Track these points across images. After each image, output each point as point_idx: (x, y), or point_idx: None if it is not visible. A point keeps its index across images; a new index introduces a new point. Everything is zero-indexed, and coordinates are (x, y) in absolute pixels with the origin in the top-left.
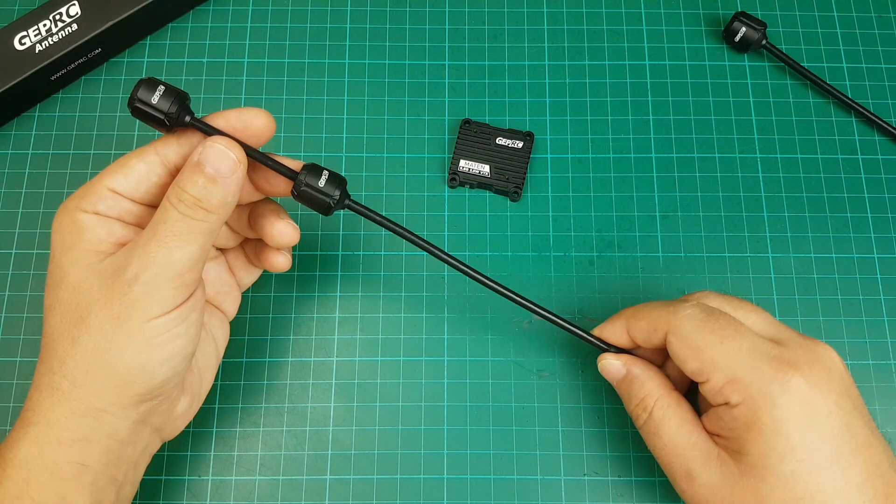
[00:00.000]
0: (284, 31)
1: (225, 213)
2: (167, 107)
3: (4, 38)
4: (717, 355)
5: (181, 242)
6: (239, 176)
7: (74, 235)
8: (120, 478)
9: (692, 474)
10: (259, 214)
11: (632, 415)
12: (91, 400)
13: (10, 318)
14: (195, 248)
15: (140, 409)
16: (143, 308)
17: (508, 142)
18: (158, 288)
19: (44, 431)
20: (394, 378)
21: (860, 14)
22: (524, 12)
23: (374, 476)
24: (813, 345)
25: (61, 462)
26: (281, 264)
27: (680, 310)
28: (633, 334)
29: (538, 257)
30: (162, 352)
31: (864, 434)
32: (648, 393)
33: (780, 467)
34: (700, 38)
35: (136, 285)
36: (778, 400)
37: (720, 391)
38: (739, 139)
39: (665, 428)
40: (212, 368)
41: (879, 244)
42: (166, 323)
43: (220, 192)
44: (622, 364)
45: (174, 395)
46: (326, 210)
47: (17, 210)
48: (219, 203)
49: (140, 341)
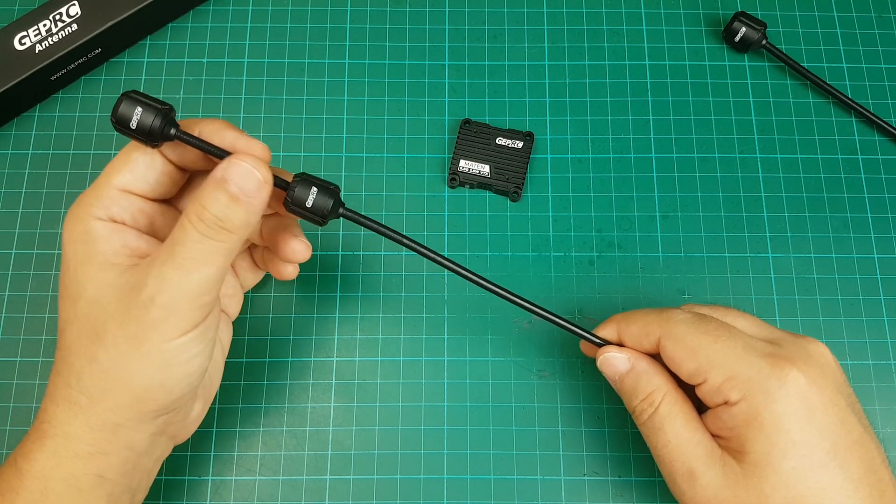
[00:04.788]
0: (284, 31)
1: (246, 234)
2: (149, 123)
3: (4, 38)
4: (713, 354)
5: (199, 265)
6: (264, 196)
7: (89, 247)
8: (134, 486)
9: (694, 474)
10: (274, 229)
11: (635, 411)
12: (108, 415)
13: (10, 318)
14: (213, 270)
15: (157, 422)
16: (160, 331)
17: (508, 142)
18: (176, 310)
19: (62, 444)
20: (394, 378)
21: (860, 14)
22: (524, 12)
23: (374, 476)
24: (804, 342)
25: (79, 474)
26: (289, 273)
27: (672, 315)
28: (625, 339)
29: (538, 257)
30: (179, 371)
31: (858, 430)
32: (657, 388)
33: (783, 464)
34: (700, 38)
35: (153, 308)
36: (777, 394)
37: (718, 390)
38: (739, 139)
39: (670, 424)
40: (220, 370)
41: (879, 244)
42: (184, 344)
43: (244, 213)
44: (628, 358)
45: (189, 405)
46: (319, 222)
47: (17, 210)
48: (241, 224)
49: (157, 362)
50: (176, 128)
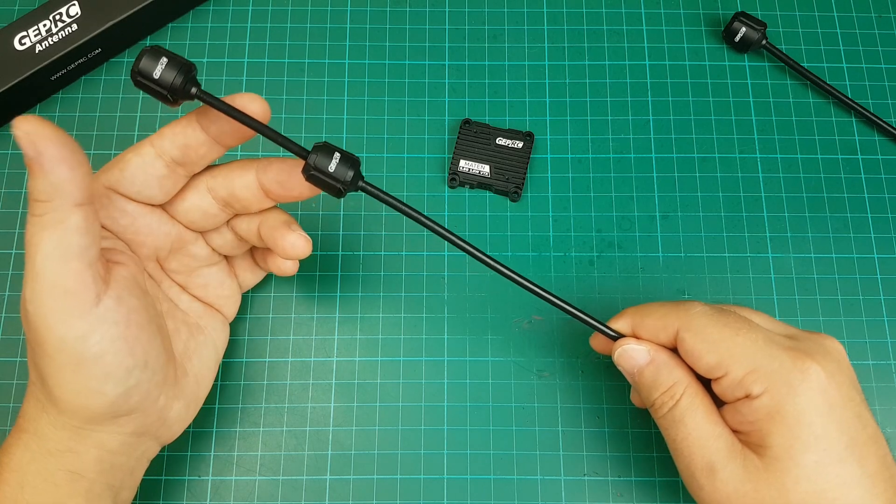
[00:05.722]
0: (284, 31)
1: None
2: (171, 79)
3: (4, 38)
4: (735, 346)
5: (34, 249)
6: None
7: None
8: (116, 484)
9: (714, 468)
10: (270, 226)
11: (655, 403)
12: (63, 418)
13: (10, 318)
14: (50, 248)
15: (120, 423)
16: (46, 328)
17: (508, 142)
18: (41, 306)
19: (34, 440)
20: (394, 378)
21: (860, 14)
22: (524, 12)
23: (374, 476)
24: (820, 338)
25: (53, 470)
26: (288, 268)
27: (691, 307)
28: (640, 332)
29: (538, 257)
30: (90, 372)
31: (873, 426)
32: (678, 380)
33: (805, 457)
34: (700, 38)
35: (28, 306)
36: (799, 388)
37: (740, 383)
38: (739, 139)
39: (691, 416)
40: (210, 372)
41: (879, 244)
42: (77, 340)
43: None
44: (647, 350)
45: (162, 404)
46: (338, 193)
47: (17, 210)
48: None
49: (62, 363)
50: (197, 87)
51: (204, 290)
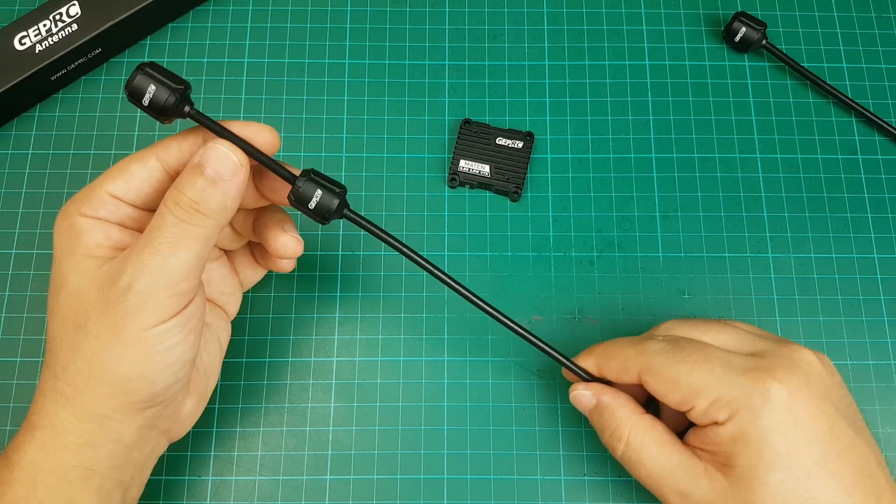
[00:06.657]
0: (284, 31)
1: (224, 219)
2: (163, 99)
3: (4, 38)
4: (693, 381)
5: (175, 250)
6: (240, 180)
7: (73, 240)
8: (126, 480)
9: (684, 493)
10: (264, 224)
11: (607, 446)
12: (94, 406)
13: (10, 318)
14: (190, 256)
15: (144, 415)
16: (139, 318)
17: (508, 142)
18: (153, 297)
19: (49, 436)
20: (394, 378)
21: (860, 14)
22: (524, 12)
23: (374, 476)
24: (789, 351)
25: (68, 466)
26: (285, 266)
27: (647, 347)
28: (606, 374)
29: (538, 257)
30: (160, 360)
31: (849, 436)
32: (621, 422)
33: (769, 476)
34: (700, 38)
35: (130, 294)
36: (761, 410)
37: (706, 413)
38: (739, 139)
39: (646, 455)
40: (217, 368)
41: (879, 244)
42: (164, 332)
43: (220, 196)
44: (592, 394)
45: (179, 399)
46: (323, 220)
47: (17, 210)
48: (217, 207)
49: (137, 351)
50: (190, 105)
51: (206, 286)
